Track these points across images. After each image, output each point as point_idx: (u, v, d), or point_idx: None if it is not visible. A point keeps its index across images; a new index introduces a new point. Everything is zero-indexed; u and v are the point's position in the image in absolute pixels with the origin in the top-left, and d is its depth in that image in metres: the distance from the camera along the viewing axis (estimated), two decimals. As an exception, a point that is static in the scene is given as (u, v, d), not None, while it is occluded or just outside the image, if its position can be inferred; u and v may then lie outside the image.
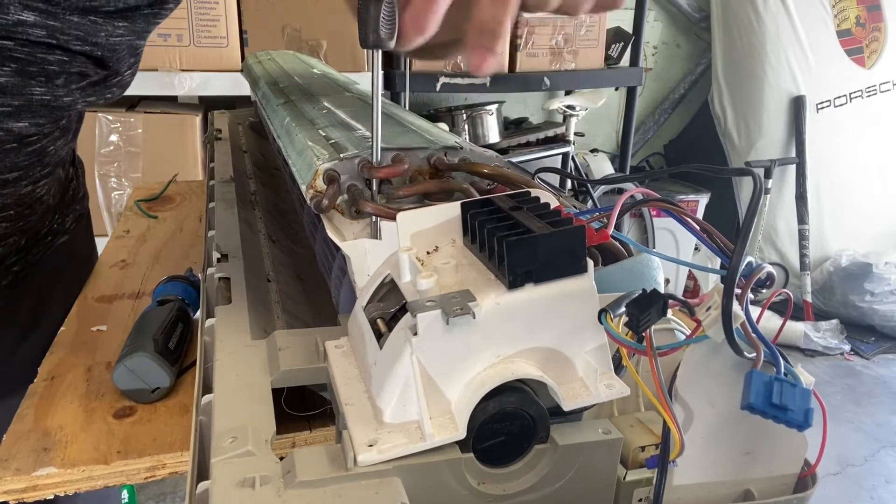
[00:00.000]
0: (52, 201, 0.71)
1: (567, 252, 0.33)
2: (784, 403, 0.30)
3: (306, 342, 0.43)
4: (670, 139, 3.34)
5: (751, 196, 0.32)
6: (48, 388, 0.61)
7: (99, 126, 1.83)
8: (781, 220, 2.97)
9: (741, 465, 0.36)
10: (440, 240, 0.39)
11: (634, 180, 3.21)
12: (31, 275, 0.72)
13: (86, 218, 0.84)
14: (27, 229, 0.70)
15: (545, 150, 2.49)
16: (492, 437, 0.34)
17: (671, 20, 3.15)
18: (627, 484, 0.36)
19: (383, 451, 0.32)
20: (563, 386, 0.35)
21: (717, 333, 0.31)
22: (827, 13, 2.90)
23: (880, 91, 3.03)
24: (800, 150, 2.88)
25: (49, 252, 0.74)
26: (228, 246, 0.63)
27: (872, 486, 2.07)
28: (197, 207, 1.13)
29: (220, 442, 0.34)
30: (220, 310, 0.50)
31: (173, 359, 0.60)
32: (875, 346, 2.81)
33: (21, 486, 0.50)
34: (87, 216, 0.84)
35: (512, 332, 0.34)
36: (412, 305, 0.32)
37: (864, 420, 2.38)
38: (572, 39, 2.32)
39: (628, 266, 0.45)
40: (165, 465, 0.53)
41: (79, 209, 0.79)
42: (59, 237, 0.75)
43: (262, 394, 0.39)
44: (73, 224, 0.78)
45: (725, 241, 0.36)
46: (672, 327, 0.41)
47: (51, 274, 0.75)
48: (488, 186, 0.50)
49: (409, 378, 0.33)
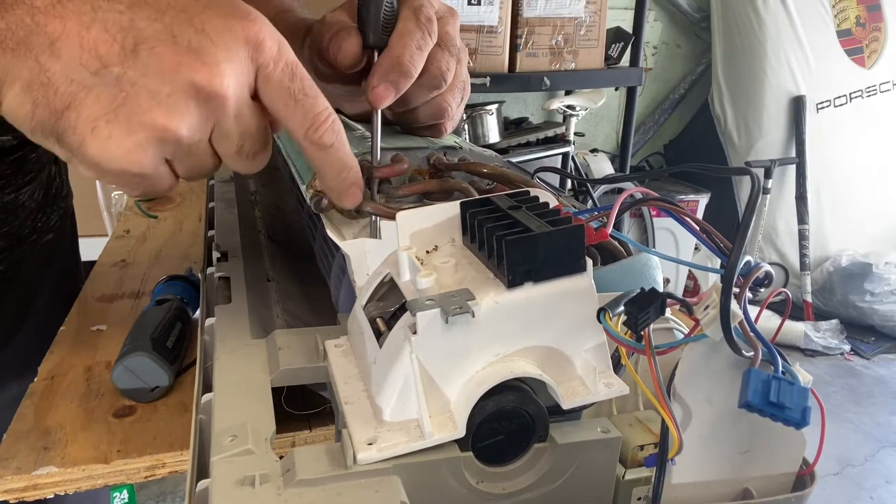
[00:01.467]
0: (34, 204, 0.71)
1: (566, 251, 0.33)
2: (782, 401, 0.30)
3: (306, 341, 0.43)
4: (670, 139, 3.34)
5: (749, 195, 0.32)
6: (48, 387, 0.61)
7: None
8: (781, 220, 2.96)
9: (739, 464, 0.36)
10: (439, 239, 0.39)
11: (634, 180, 3.21)
12: (17, 273, 0.72)
13: (70, 215, 0.84)
14: (11, 233, 0.69)
15: (545, 150, 2.48)
16: (491, 435, 0.34)
17: (671, 20, 3.15)
18: (626, 482, 0.36)
19: (383, 449, 0.32)
20: (562, 385, 0.35)
21: (715, 332, 0.31)
22: (827, 13, 2.90)
23: (880, 91, 3.03)
24: (800, 150, 2.88)
25: (34, 250, 0.74)
26: (228, 245, 0.63)
27: (872, 486, 2.07)
28: (197, 207, 1.13)
29: (219, 441, 0.34)
30: (220, 309, 0.50)
31: (172, 358, 0.61)
32: (875, 346, 2.81)
33: (21, 485, 0.50)
34: (71, 213, 0.84)
35: (511, 331, 0.34)
36: (411, 304, 0.32)
37: (864, 420, 2.38)
38: (572, 39, 2.32)
39: (627, 265, 0.45)
40: (165, 465, 0.53)
41: (63, 206, 0.79)
42: (43, 235, 0.75)
43: (262, 393, 0.39)
44: (58, 222, 0.78)
45: (724, 241, 0.36)
46: (671, 326, 0.41)
47: (36, 271, 0.75)
48: (488, 186, 0.50)
49: (408, 377, 0.33)
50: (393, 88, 0.47)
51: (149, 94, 0.34)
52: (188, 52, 0.35)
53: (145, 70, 0.34)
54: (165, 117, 0.35)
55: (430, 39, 0.49)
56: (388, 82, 0.47)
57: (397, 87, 0.48)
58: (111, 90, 0.34)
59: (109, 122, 0.34)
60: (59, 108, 0.34)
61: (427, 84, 0.51)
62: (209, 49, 0.35)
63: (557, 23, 2.27)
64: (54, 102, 0.34)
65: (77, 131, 0.34)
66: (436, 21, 0.50)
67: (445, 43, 0.51)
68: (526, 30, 2.24)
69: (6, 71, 0.33)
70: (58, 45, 0.33)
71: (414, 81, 0.49)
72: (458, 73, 0.53)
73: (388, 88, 0.47)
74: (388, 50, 0.48)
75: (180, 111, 0.35)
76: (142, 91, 0.34)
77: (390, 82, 0.47)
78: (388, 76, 0.47)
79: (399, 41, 0.48)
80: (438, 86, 0.51)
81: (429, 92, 0.52)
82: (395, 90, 0.48)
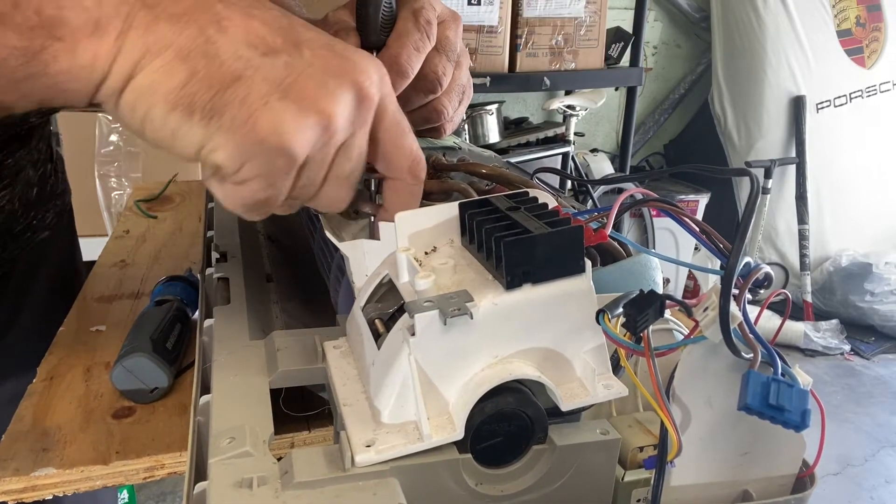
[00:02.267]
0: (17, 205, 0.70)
1: (565, 252, 0.33)
2: (781, 404, 0.29)
3: (305, 342, 0.43)
4: (670, 139, 3.34)
5: (748, 196, 0.32)
6: (47, 388, 0.61)
7: (99, 126, 1.83)
8: (781, 220, 2.96)
9: (739, 466, 0.36)
10: (438, 240, 0.39)
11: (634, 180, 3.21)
12: (11, 271, 0.72)
13: (68, 213, 0.83)
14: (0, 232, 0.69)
15: (545, 150, 2.48)
16: (490, 437, 0.34)
17: (671, 20, 3.15)
18: (626, 484, 0.36)
19: (381, 451, 0.32)
20: (561, 386, 0.35)
21: (714, 334, 0.31)
22: (827, 13, 2.90)
23: (880, 91, 3.03)
24: (800, 150, 2.88)
25: (29, 248, 0.74)
26: (227, 246, 0.63)
27: (872, 486, 2.07)
28: (197, 207, 1.13)
29: (217, 442, 0.34)
30: (219, 310, 0.50)
31: (171, 359, 0.60)
32: (875, 346, 2.81)
33: (20, 487, 0.50)
34: (69, 211, 0.84)
35: (510, 333, 0.34)
36: (410, 306, 0.32)
37: (864, 420, 2.38)
38: (572, 39, 2.32)
39: (626, 266, 0.45)
40: (164, 466, 0.53)
41: (59, 204, 0.79)
42: (39, 233, 0.75)
43: (261, 394, 0.39)
44: (55, 220, 0.77)
45: (724, 242, 0.36)
46: (670, 328, 0.41)
47: (32, 269, 0.75)
48: (487, 187, 0.50)
49: (406, 378, 0.33)
50: None
51: (316, 83, 0.35)
52: (346, 59, 0.36)
53: (311, 63, 0.35)
54: (333, 105, 0.35)
55: (429, 42, 0.49)
56: None
57: (393, 87, 0.47)
58: (280, 73, 0.34)
59: (281, 98, 0.34)
60: (227, 80, 0.33)
61: (422, 88, 0.51)
62: (358, 59, 0.37)
63: (557, 23, 2.27)
64: (219, 74, 0.33)
65: (247, 103, 0.34)
66: (435, 24, 0.50)
67: (444, 47, 0.51)
68: (526, 30, 2.24)
69: (156, 40, 0.32)
70: (224, 24, 0.33)
71: (409, 84, 0.49)
72: (455, 78, 0.53)
73: None
74: (385, 50, 0.48)
75: (344, 103, 0.36)
76: (309, 80, 0.35)
77: None
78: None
79: (397, 41, 0.48)
80: (434, 90, 0.51)
81: (424, 96, 0.52)
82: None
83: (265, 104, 0.34)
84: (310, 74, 0.35)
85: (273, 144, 0.34)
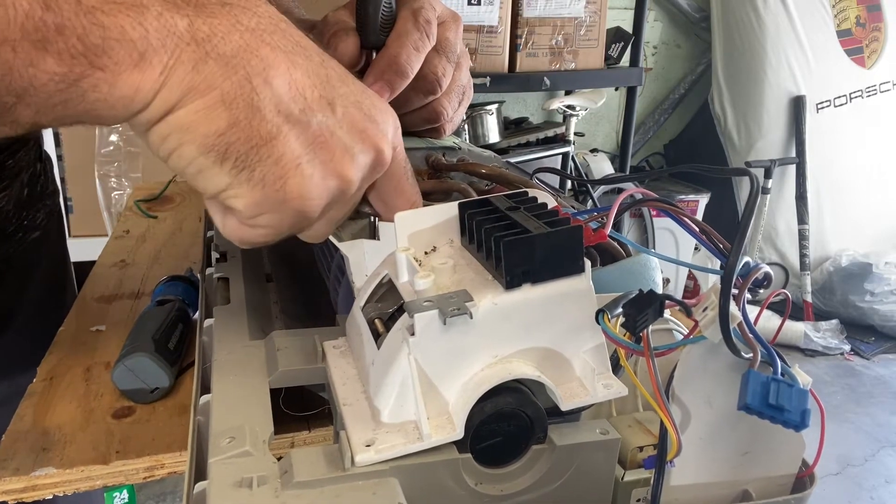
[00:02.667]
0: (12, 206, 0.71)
1: (564, 252, 0.33)
2: (781, 404, 0.30)
3: (304, 342, 0.43)
4: (670, 139, 3.34)
5: (748, 196, 0.32)
6: (47, 388, 0.61)
7: (99, 126, 1.83)
8: (781, 220, 2.96)
9: (739, 466, 0.36)
10: (438, 240, 0.39)
11: (634, 180, 3.21)
12: (4, 272, 0.72)
13: (57, 214, 0.83)
14: None
15: (545, 150, 2.48)
16: (489, 437, 0.34)
17: (671, 20, 3.15)
18: (625, 484, 0.36)
19: (381, 451, 0.32)
20: (560, 386, 0.35)
21: (714, 334, 0.31)
22: (827, 13, 2.90)
23: (880, 91, 3.03)
24: (800, 150, 2.88)
25: (21, 249, 0.74)
26: (227, 246, 0.63)
27: (872, 486, 2.07)
28: (197, 207, 1.13)
29: (217, 442, 0.34)
30: (219, 310, 0.50)
31: (173, 359, 0.60)
32: (875, 346, 2.81)
33: (20, 486, 0.50)
34: (58, 212, 0.84)
35: (509, 333, 0.34)
36: (409, 306, 0.32)
37: (864, 420, 2.38)
38: (572, 39, 2.32)
39: (626, 266, 0.45)
40: (164, 465, 0.53)
41: (49, 205, 0.79)
42: (30, 233, 0.75)
43: (261, 394, 0.39)
44: (45, 220, 0.77)
45: (723, 241, 0.36)
46: (670, 327, 0.41)
47: (24, 270, 0.75)
48: (486, 187, 0.50)
49: (406, 378, 0.33)
50: (388, 88, 0.47)
51: (343, 146, 0.36)
52: (371, 121, 0.37)
53: (341, 124, 0.36)
54: (353, 171, 0.36)
55: (428, 42, 0.49)
56: (383, 81, 0.47)
57: (392, 87, 0.48)
58: (311, 132, 0.35)
59: (310, 162, 0.35)
60: (264, 136, 0.33)
61: (422, 89, 0.51)
62: (381, 121, 0.38)
63: (557, 23, 2.27)
64: (259, 129, 0.33)
65: (281, 164, 0.34)
66: (435, 24, 0.50)
67: (444, 48, 0.51)
68: (526, 30, 2.24)
69: (203, 79, 0.32)
70: (270, 74, 0.33)
71: (409, 85, 0.49)
72: (455, 79, 0.53)
73: (383, 88, 0.47)
74: (384, 49, 0.48)
75: (362, 167, 0.37)
76: (338, 142, 0.36)
77: (385, 81, 0.47)
78: (384, 75, 0.47)
79: (396, 41, 0.48)
80: (433, 91, 0.51)
81: (424, 96, 0.52)
82: (391, 90, 0.48)
83: (297, 167, 0.34)
84: (339, 137, 0.36)
85: (296, 206, 0.35)
